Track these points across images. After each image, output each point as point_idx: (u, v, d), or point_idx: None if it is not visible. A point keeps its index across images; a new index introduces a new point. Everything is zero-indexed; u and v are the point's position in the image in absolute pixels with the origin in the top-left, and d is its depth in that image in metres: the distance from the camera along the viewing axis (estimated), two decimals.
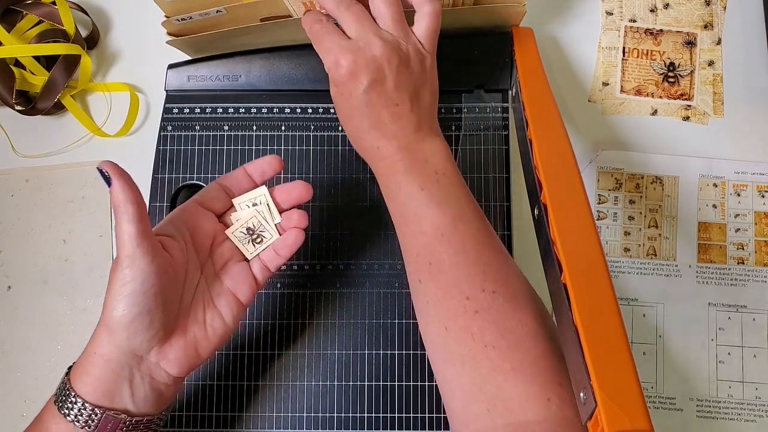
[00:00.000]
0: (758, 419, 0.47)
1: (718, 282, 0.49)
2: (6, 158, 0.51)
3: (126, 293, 0.33)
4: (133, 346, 0.34)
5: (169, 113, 0.49)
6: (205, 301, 0.37)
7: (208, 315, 0.37)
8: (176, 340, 0.35)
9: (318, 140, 0.48)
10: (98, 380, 0.33)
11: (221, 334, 0.37)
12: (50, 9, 0.50)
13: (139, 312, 0.33)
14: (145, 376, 0.35)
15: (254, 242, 0.39)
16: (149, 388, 0.35)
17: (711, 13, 0.53)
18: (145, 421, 0.35)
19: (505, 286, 0.35)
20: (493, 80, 0.49)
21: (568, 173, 0.39)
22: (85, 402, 0.33)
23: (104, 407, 0.33)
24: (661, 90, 0.52)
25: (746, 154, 0.51)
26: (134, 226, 0.33)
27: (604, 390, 0.30)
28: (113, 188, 0.34)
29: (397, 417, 0.44)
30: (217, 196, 0.39)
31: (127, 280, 0.33)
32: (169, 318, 0.35)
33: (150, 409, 0.35)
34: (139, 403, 0.34)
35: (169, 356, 0.35)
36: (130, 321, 0.33)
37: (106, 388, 0.33)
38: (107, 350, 0.34)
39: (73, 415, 0.33)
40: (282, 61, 0.49)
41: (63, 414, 0.33)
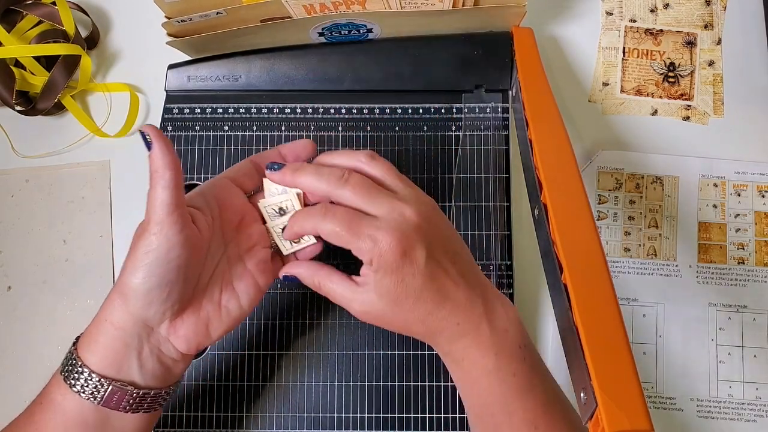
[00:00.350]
0: (759, 419, 0.47)
1: (718, 282, 0.49)
2: (6, 158, 0.51)
3: (148, 261, 0.32)
4: (147, 316, 0.33)
5: (169, 113, 0.49)
6: (223, 280, 0.36)
7: (224, 296, 0.36)
8: (188, 317, 0.34)
9: (318, 140, 0.48)
10: (107, 349, 0.33)
11: (235, 316, 0.36)
12: (50, 9, 0.50)
13: (158, 282, 0.32)
14: (154, 348, 0.34)
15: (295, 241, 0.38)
16: (157, 361, 0.34)
17: (711, 13, 0.53)
18: (152, 395, 0.34)
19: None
20: (493, 80, 0.49)
21: (568, 173, 0.39)
22: (92, 372, 0.32)
23: (111, 378, 0.32)
24: (661, 90, 0.52)
25: (746, 154, 0.51)
26: (169, 192, 0.32)
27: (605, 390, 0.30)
28: (153, 152, 0.32)
29: (398, 417, 0.44)
30: (249, 173, 0.38)
31: (151, 247, 0.32)
32: (186, 293, 0.34)
33: (157, 383, 0.34)
34: (146, 376, 0.33)
35: (179, 332, 0.34)
36: (147, 290, 0.32)
37: (114, 357, 0.33)
38: (119, 317, 0.33)
39: (80, 386, 0.32)
40: (282, 61, 0.49)
41: (69, 384, 0.32)
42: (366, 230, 0.33)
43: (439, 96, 0.49)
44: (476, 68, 0.49)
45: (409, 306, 0.33)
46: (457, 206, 0.47)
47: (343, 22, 0.46)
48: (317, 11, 0.45)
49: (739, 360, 0.48)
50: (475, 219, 0.46)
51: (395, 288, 0.33)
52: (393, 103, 0.49)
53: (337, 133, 0.48)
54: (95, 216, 0.50)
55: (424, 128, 0.48)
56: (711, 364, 0.48)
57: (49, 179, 0.50)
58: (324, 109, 0.49)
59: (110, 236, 0.49)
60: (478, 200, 0.47)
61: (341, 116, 0.48)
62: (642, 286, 0.49)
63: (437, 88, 0.49)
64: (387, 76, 0.49)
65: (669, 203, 0.50)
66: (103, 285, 0.49)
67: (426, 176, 0.47)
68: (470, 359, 0.33)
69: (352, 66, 0.49)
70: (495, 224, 0.46)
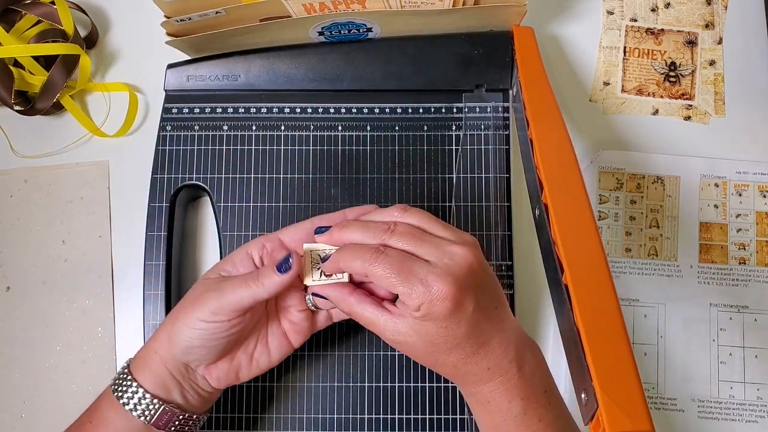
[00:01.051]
0: (759, 420, 0.47)
1: (719, 282, 0.49)
2: (5, 158, 0.51)
3: (204, 328, 0.34)
4: (187, 360, 0.36)
5: (168, 113, 0.48)
6: (259, 336, 0.38)
7: (258, 349, 0.38)
8: (223, 363, 0.37)
9: (318, 140, 0.48)
10: (155, 374, 0.35)
11: (263, 367, 0.38)
12: (49, 9, 0.50)
13: (202, 346, 0.35)
14: (193, 382, 0.37)
15: (324, 273, 0.36)
16: (195, 391, 0.37)
17: (712, 12, 0.53)
18: (194, 418, 0.37)
19: None
20: (494, 80, 0.48)
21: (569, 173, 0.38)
22: (146, 392, 0.35)
23: (162, 399, 0.35)
24: (662, 89, 0.52)
25: (748, 153, 0.51)
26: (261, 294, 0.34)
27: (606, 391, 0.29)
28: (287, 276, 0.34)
29: (398, 418, 0.44)
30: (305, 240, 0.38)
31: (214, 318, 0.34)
32: (226, 351, 0.37)
33: (195, 409, 0.37)
34: (188, 402, 0.37)
35: (213, 374, 0.37)
36: (191, 347, 0.35)
37: (163, 382, 0.35)
38: (164, 353, 0.36)
39: (132, 404, 0.35)
40: (281, 60, 0.49)
41: (122, 403, 0.35)
42: (419, 274, 0.32)
43: (439, 95, 0.49)
44: (476, 68, 0.49)
45: (446, 350, 0.33)
46: (457, 206, 0.47)
47: (342, 22, 0.46)
48: (317, 10, 0.44)
49: (740, 360, 0.48)
50: (475, 219, 0.46)
51: (437, 333, 0.32)
52: (393, 103, 0.48)
53: (337, 132, 0.48)
54: (94, 216, 0.50)
55: (424, 128, 0.48)
56: (712, 364, 0.48)
57: (48, 179, 0.50)
58: (324, 109, 0.48)
59: (109, 236, 0.49)
60: (478, 200, 0.47)
61: (341, 116, 0.48)
62: (643, 287, 0.49)
63: (437, 88, 0.49)
64: (387, 76, 0.49)
65: (670, 203, 0.50)
66: (102, 285, 0.48)
67: (426, 176, 0.47)
68: (496, 402, 0.33)
69: (351, 65, 0.49)
70: (495, 224, 0.46)
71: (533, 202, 0.41)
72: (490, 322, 0.33)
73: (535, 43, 0.48)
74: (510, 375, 0.33)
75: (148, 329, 0.45)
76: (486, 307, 0.33)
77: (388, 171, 0.47)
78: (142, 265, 0.46)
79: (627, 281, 0.49)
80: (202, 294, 0.35)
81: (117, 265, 0.49)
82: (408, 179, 0.47)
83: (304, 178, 0.47)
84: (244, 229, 0.46)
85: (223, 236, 0.46)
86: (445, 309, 0.31)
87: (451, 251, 0.33)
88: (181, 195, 0.47)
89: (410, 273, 0.32)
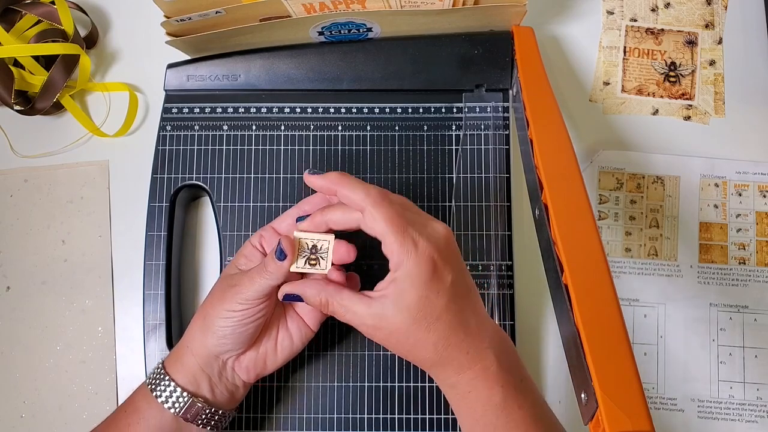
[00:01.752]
0: (759, 420, 0.47)
1: (719, 282, 0.49)
2: (5, 158, 0.51)
3: (237, 318, 0.37)
4: (219, 353, 0.38)
5: (168, 113, 0.48)
6: (280, 322, 0.40)
7: (280, 335, 0.40)
8: (250, 352, 0.39)
9: (318, 140, 0.48)
10: (188, 369, 0.37)
11: (288, 353, 0.40)
12: (49, 8, 0.50)
13: (233, 333, 0.37)
14: (222, 376, 0.38)
15: (309, 261, 0.37)
16: (224, 386, 0.39)
17: (712, 12, 0.53)
18: (220, 413, 0.38)
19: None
20: (494, 80, 0.48)
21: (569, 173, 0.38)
22: (177, 385, 0.37)
23: (192, 392, 0.37)
24: (662, 89, 0.52)
25: (747, 153, 0.51)
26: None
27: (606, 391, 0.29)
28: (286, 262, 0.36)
29: (398, 418, 0.44)
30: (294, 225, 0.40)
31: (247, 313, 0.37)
32: (254, 339, 0.39)
33: (223, 405, 0.39)
34: (217, 397, 0.38)
35: (243, 364, 0.39)
36: (224, 336, 0.37)
37: (194, 377, 0.37)
38: (197, 347, 0.38)
39: (164, 397, 0.37)
40: (281, 60, 0.49)
41: (155, 395, 0.37)
42: (412, 231, 0.33)
43: (439, 95, 0.49)
44: (476, 68, 0.49)
45: (425, 326, 0.33)
46: (457, 206, 0.47)
47: (342, 21, 0.46)
48: (317, 10, 0.44)
49: (740, 360, 0.48)
50: (475, 219, 0.46)
51: (417, 303, 0.32)
52: (393, 103, 0.48)
53: (337, 132, 0.48)
54: (94, 216, 0.50)
55: (424, 128, 0.48)
56: (712, 364, 0.48)
57: (48, 179, 0.50)
58: (324, 109, 0.48)
59: (109, 236, 0.49)
60: (478, 200, 0.47)
61: (341, 116, 0.48)
62: (643, 287, 0.49)
63: (437, 88, 0.49)
64: (387, 76, 0.49)
65: (670, 203, 0.50)
66: (102, 285, 0.48)
67: (426, 176, 0.47)
68: (477, 392, 0.33)
69: (351, 65, 0.49)
70: (495, 224, 0.46)
71: (533, 202, 0.41)
72: (466, 302, 0.34)
73: (535, 43, 0.48)
74: (488, 362, 0.33)
75: (148, 329, 0.45)
76: (462, 288, 0.34)
77: (388, 171, 0.47)
78: (142, 265, 0.46)
79: (627, 281, 0.49)
80: (227, 290, 0.37)
81: (117, 265, 0.49)
82: (408, 179, 0.47)
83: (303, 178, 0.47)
84: (244, 229, 0.46)
85: (223, 236, 0.46)
86: (427, 270, 0.32)
87: (433, 225, 0.34)
88: (181, 195, 0.47)
89: (407, 226, 0.33)
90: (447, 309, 0.33)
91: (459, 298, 0.33)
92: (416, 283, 0.32)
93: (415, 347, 0.34)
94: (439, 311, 0.33)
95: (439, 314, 0.33)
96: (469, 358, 0.33)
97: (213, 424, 0.38)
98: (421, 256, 0.32)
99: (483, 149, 0.48)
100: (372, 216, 0.33)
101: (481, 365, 0.33)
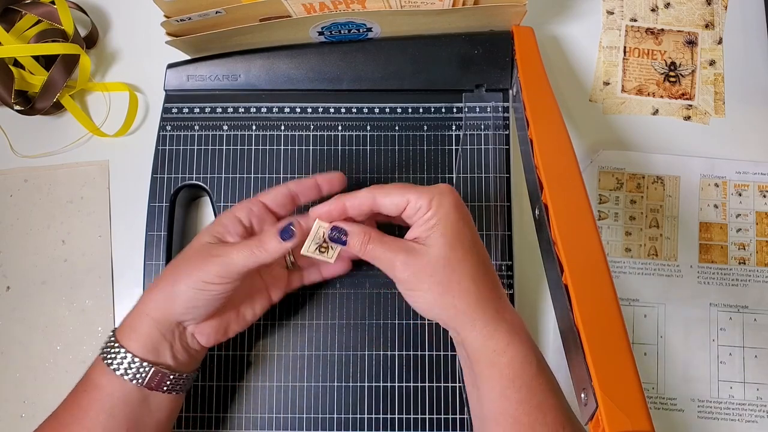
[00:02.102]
0: (759, 420, 0.47)
1: (719, 282, 0.49)
2: (5, 158, 0.51)
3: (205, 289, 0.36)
4: (183, 320, 0.37)
5: (168, 113, 0.48)
6: (244, 293, 0.40)
7: (243, 305, 0.40)
8: (213, 320, 0.39)
9: (318, 140, 0.48)
10: (146, 337, 0.36)
11: (249, 321, 0.41)
12: (49, 8, 0.50)
13: (203, 306, 0.37)
14: (183, 341, 0.38)
15: (320, 248, 0.38)
16: (184, 350, 0.38)
17: (712, 12, 0.53)
18: (183, 377, 0.38)
19: None
20: (494, 80, 0.48)
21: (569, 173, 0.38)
22: (135, 356, 0.36)
23: (152, 361, 0.36)
24: (662, 89, 0.52)
25: (747, 153, 0.51)
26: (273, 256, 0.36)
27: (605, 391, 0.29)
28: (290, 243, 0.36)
29: (397, 418, 0.44)
30: (284, 204, 0.40)
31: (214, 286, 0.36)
32: (220, 309, 0.38)
33: (184, 368, 0.38)
34: (177, 361, 0.38)
35: (204, 331, 0.38)
36: (193, 307, 0.36)
37: (153, 345, 0.36)
38: (160, 314, 0.37)
39: (123, 369, 0.36)
40: (281, 60, 0.49)
41: (113, 369, 0.36)
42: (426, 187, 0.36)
43: (439, 95, 0.49)
44: (476, 68, 0.49)
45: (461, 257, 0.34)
46: None
47: (342, 21, 0.46)
48: (317, 10, 0.44)
49: (740, 360, 0.48)
50: (475, 219, 0.46)
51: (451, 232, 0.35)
52: (393, 103, 0.48)
53: (337, 132, 0.48)
54: (94, 216, 0.50)
55: (424, 128, 0.48)
56: (712, 364, 0.48)
57: (48, 179, 0.50)
58: (324, 109, 0.48)
59: (109, 236, 0.49)
60: (478, 200, 0.47)
61: (341, 116, 0.48)
62: (643, 287, 0.49)
63: (437, 88, 0.49)
64: (387, 76, 0.49)
65: (670, 203, 0.50)
66: (102, 285, 0.48)
67: (426, 176, 0.47)
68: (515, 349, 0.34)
69: (351, 65, 0.49)
70: (495, 224, 0.46)
71: (533, 202, 0.41)
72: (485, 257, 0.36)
73: (535, 43, 0.48)
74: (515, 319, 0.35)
75: None
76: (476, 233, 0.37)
77: (388, 171, 0.47)
78: (142, 265, 0.46)
79: (627, 281, 0.49)
80: (207, 259, 0.36)
81: (117, 265, 0.49)
82: (408, 179, 0.47)
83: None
84: None
85: None
86: (452, 199, 0.35)
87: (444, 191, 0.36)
88: (181, 195, 0.47)
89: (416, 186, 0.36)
90: (475, 241, 0.35)
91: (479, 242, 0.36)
92: (447, 214, 0.35)
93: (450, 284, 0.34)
94: (470, 242, 0.35)
95: (471, 245, 0.35)
96: (503, 304, 0.35)
97: (178, 388, 0.38)
98: (442, 191, 0.35)
99: (483, 149, 0.48)
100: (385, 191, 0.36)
101: (516, 318, 0.35)
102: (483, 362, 0.34)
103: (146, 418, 0.36)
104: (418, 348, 0.45)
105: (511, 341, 0.34)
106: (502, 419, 0.34)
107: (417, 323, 0.45)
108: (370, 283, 0.46)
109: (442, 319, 0.36)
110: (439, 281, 0.34)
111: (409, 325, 0.45)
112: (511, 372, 0.33)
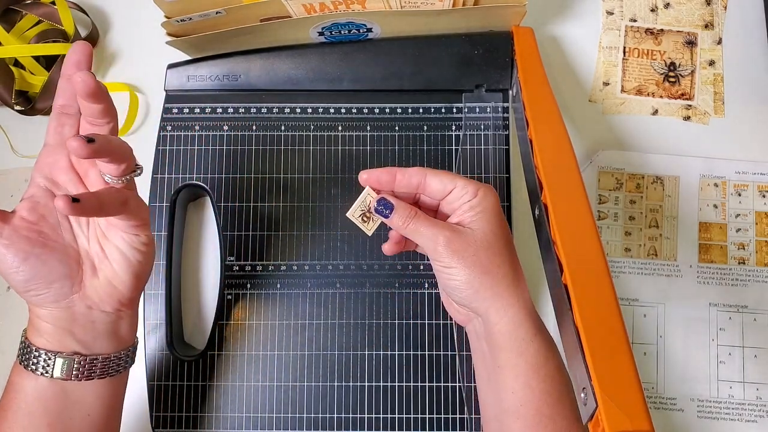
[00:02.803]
0: (759, 420, 0.47)
1: (719, 282, 0.49)
2: (5, 158, 0.51)
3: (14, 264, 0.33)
4: (48, 301, 0.34)
5: (168, 113, 0.48)
6: (98, 235, 0.36)
7: (106, 248, 0.36)
8: (90, 282, 0.35)
9: (318, 140, 0.48)
10: (44, 330, 0.35)
11: (130, 264, 0.36)
12: (49, 9, 0.50)
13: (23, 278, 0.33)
14: (85, 321, 0.35)
15: (364, 215, 0.38)
16: (95, 330, 0.35)
17: (711, 12, 0.53)
18: (101, 359, 0.35)
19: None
20: (494, 80, 0.48)
21: (569, 173, 0.38)
22: (40, 349, 0.34)
23: (57, 351, 0.34)
24: (661, 90, 0.52)
25: (747, 153, 0.51)
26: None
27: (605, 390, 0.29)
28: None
29: (397, 417, 0.44)
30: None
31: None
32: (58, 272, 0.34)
33: (105, 348, 0.36)
34: (89, 344, 0.35)
35: (93, 298, 0.35)
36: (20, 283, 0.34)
37: (54, 336, 0.35)
38: (36, 311, 0.35)
39: (32, 364, 0.34)
40: (281, 61, 0.49)
41: (23, 366, 0.35)
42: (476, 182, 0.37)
43: (439, 96, 0.49)
44: (476, 68, 0.49)
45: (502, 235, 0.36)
46: None
47: (342, 22, 0.46)
48: (317, 11, 0.45)
49: (740, 360, 0.48)
50: None
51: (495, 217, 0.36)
52: (393, 103, 0.48)
53: (337, 132, 0.48)
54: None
55: (424, 128, 0.48)
56: (711, 364, 0.48)
57: None
58: (324, 109, 0.48)
59: None
60: None
61: (341, 116, 0.48)
62: (642, 286, 0.49)
63: (437, 88, 0.49)
64: (387, 76, 0.49)
65: (669, 203, 0.50)
66: None
67: None
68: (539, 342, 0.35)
69: (351, 65, 0.49)
70: None
71: (533, 202, 0.41)
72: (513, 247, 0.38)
73: (535, 43, 0.48)
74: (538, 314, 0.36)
75: (148, 329, 0.45)
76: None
77: None
78: None
79: (626, 281, 0.49)
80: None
81: None
82: None
83: (304, 178, 0.47)
84: (244, 229, 0.46)
85: (223, 236, 0.46)
86: (496, 197, 0.37)
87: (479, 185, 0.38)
88: (181, 195, 0.47)
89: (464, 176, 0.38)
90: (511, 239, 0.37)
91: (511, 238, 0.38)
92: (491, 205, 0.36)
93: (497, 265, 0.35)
94: (509, 236, 0.37)
95: (509, 239, 0.37)
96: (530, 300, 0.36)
97: (99, 372, 0.35)
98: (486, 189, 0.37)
99: (483, 149, 0.48)
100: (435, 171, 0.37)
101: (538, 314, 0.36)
102: (510, 350, 0.35)
103: (70, 410, 0.35)
104: (418, 348, 0.45)
105: (538, 332, 0.35)
106: (524, 410, 0.34)
107: (417, 323, 0.45)
108: (370, 283, 0.46)
109: (475, 300, 0.35)
110: (480, 262, 0.35)
111: (409, 325, 0.45)
112: (537, 362, 0.34)
